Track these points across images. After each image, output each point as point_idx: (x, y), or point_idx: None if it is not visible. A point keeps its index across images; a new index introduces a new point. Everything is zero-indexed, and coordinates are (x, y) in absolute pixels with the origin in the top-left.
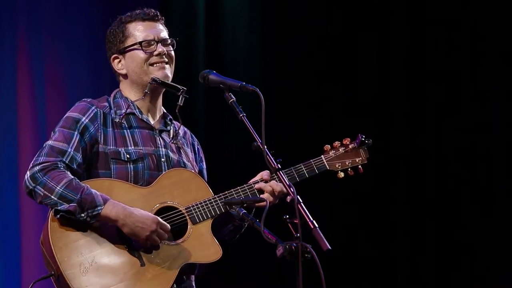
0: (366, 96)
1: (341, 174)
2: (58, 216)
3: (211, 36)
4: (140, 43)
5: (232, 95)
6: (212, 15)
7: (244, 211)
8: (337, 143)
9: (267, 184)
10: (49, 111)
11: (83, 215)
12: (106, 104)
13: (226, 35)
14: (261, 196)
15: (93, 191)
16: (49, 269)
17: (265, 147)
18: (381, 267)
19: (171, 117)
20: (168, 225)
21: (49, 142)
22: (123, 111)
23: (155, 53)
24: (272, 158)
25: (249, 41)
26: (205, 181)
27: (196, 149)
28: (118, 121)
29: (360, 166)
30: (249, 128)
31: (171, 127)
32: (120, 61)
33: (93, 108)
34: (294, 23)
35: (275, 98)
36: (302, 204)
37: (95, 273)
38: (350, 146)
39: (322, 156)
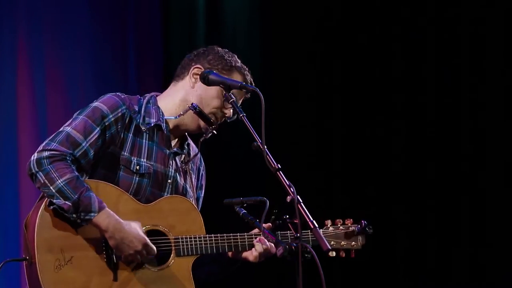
0: (367, 96)
1: (332, 253)
2: (51, 207)
3: (211, 36)
4: (227, 92)
5: (232, 95)
6: (212, 15)
7: (244, 211)
8: (338, 221)
9: (260, 244)
10: (49, 111)
11: (74, 215)
12: (137, 108)
13: (226, 35)
14: (248, 252)
15: (92, 195)
16: (25, 254)
17: (265, 147)
18: (381, 267)
19: (189, 142)
20: (155, 250)
21: (68, 128)
22: (152, 121)
23: (225, 111)
24: (272, 158)
25: (249, 41)
26: (199, 212)
27: (200, 175)
28: (144, 129)
29: (353, 251)
30: (249, 128)
31: (186, 151)
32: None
33: (123, 108)
34: (294, 23)
35: (275, 98)
36: (302, 204)
37: (67, 274)
38: (350, 229)
39: (321, 230)
